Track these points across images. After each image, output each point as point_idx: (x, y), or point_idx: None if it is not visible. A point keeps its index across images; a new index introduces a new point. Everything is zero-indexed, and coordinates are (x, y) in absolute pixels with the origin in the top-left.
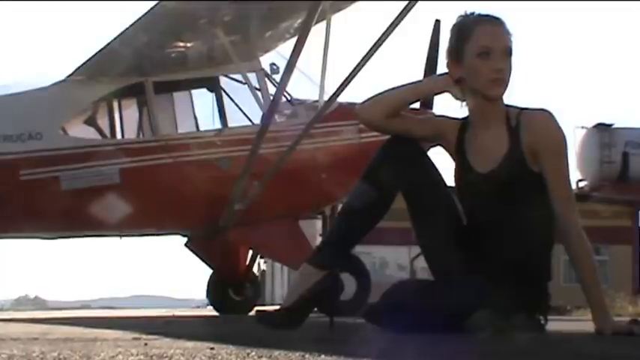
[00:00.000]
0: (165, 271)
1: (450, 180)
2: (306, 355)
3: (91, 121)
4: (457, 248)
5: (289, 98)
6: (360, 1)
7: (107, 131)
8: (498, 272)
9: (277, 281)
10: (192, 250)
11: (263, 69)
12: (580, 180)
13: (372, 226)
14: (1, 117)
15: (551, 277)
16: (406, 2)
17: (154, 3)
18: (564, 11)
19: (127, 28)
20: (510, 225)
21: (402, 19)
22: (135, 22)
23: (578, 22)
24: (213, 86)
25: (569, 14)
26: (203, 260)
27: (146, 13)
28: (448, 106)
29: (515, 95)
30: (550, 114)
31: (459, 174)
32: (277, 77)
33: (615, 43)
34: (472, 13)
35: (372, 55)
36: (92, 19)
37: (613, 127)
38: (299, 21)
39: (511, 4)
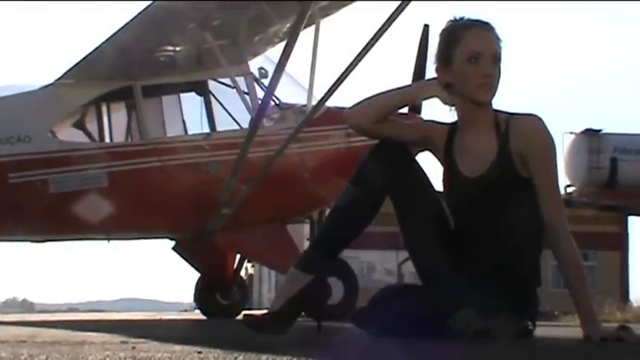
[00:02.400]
0: (153, 274)
1: (438, 184)
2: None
3: (79, 125)
4: (444, 251)
5: (278, 102)
6: (349, 4)
7: (96, 135)
8: (485, 275)
9: (265, 285)
10: (179, 254)
11: (252, 73)
12: (568, 185)
13: (360, 230)
14: None
15: (540, 283)
16: (395, 6)
17: (143, 7)
18: (554, 15)
19: (115, 32)
20: (498, 229)
21: (390, 23)
22: (124, 25)
23: (568, 27)
24: (202, 90)
25: (558, 18)
26: (190, 264)
27: (135, 17)
28: (437, 111)
29: (504, 100)
30: (539, 119)
31: (447, 178)
32: (266, 81)
33: (605, 48)
34: (461, 18)
35: (361, 59)
36: (80, 22)
37: (601, 132)
38: (288, 25)
39: (499, 7)
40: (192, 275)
